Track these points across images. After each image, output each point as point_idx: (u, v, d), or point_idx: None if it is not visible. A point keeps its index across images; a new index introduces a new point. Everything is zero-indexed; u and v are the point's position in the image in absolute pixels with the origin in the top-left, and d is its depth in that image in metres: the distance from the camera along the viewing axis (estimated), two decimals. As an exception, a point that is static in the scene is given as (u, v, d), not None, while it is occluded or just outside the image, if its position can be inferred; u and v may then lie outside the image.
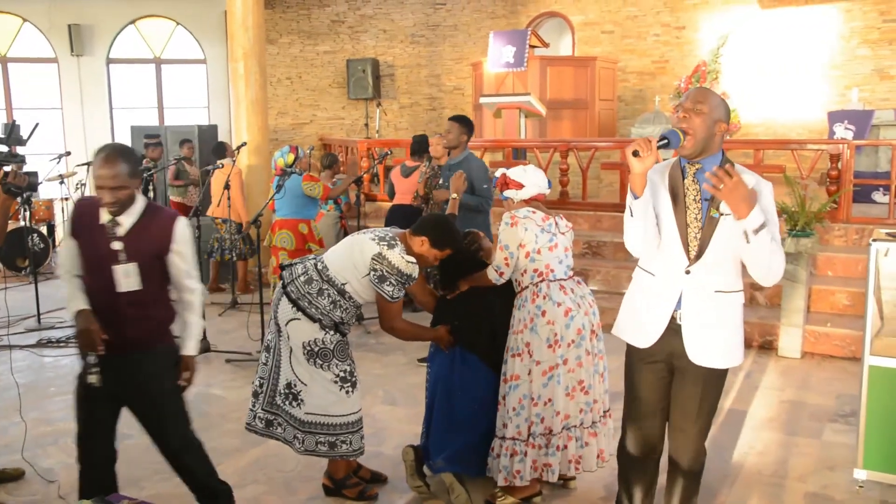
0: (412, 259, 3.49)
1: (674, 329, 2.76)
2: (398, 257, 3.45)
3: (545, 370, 3.49)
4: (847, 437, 4.36)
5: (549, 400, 3.51)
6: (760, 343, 6.16)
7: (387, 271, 3.44)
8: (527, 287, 3.59)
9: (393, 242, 3.49)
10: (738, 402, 5.04)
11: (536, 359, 3.50)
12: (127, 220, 2.91)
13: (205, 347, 6.17)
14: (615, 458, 3.18)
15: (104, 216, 2.90)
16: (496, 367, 3.67)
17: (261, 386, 3.71)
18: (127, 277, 2.88)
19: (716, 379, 2.81)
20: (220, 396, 5.26)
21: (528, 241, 3.55)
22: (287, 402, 3.59)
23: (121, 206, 2.87)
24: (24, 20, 12.47)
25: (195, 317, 3.15)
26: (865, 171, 8.52)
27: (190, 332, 3.13)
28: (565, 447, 3.57)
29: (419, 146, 7.32)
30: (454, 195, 4.41)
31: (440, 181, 6.61)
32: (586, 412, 3.61)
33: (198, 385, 5.45)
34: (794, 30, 11.26)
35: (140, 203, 2.98)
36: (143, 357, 2.99)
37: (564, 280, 3.62)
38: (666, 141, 2.60)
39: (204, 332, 6.25)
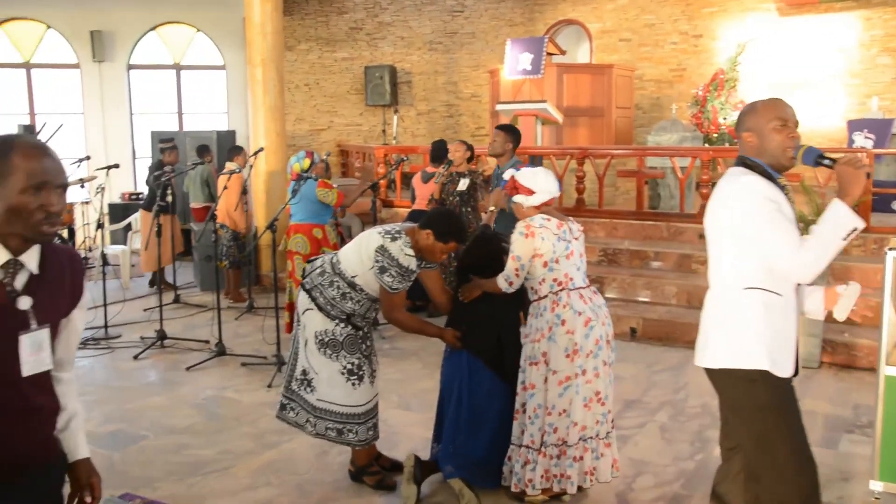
0: (411, 252, 3.58)
1: None
2: (398, 249, 3.56)
3: (561, 380, 3.48)
4: (864, 448, 4.32)
5: (564, 411, 3.49)
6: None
7: (387, 263, 3.55)
8: (545, 296, 3.55)
9: (396, 236, 3.60)
10: (753, 411, 5.00)
11: (553, 368, 3.48)
12: (31, 261, 1.87)
13: (220, 351, 6.21)
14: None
15: None
16: (502, 374, 3.68)
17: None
18: (37, 352, 1.88)
19: None
20: (235, 399, 5.29)
21: (545, 251, 3.51)
22: (301, 388, 3.80)
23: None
24: (48, 26, 12.64)
25: (79, 403, 2.14)
26: (885, 181, 8.44)
27: (80, 425, 2.10)
28: (581, 458, 3.55)
29: (438, 152, 7.34)
30: (492, 208, 4.45)
31: (458, 187, 6.64)
32: (602, 423, 3.60)
33: (212, 388, 5.52)
34: (813, 38, 11.19)
35: None
36: (39, 478, 1.96)
37: (583, 289, 3.60)
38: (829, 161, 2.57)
39: (220, 336, 6.31)
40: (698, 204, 8.01)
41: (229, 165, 8.02)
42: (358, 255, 3.66)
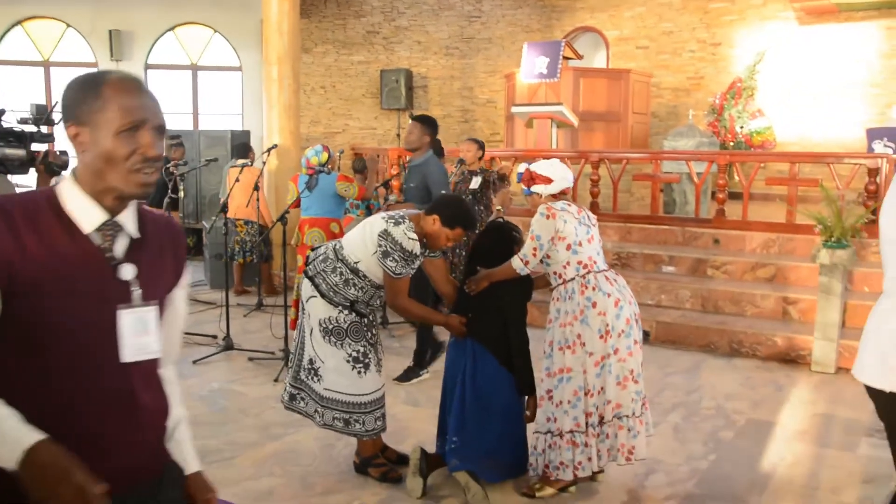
0: (414, 236, 3.52)
1: None
2: (401, 233, 3.50)
3: (597, 361, 3.47)
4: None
5: (602, 389, 3.48)
6: (793, 357, 5.99)
7: (390, 247, 3.49)
8: (572, 279, 3.54)
9: (400, 220, 3.55)
10: (767, 413, 4.89)
11: (589, 350, 3.47)
12: (130, 223, 1.57)
13: (227, 345, 6.16)
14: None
15: (90, 216, 1.51)
16: (508, 363, 3.62)
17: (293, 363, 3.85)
18: (141, 334, 1.54)
19: None
20: (241, 392, 5.22)
21: (568, 234, 3.52)
22: (309, 377, 3.73)
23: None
24: (68, 25, 12.73)
25: (183, 408, 1.80)
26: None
27: (186, 433, 1.76)
28: (615, 436, 3.52)
29: (434, 150, 7.29)
30: (499, 207, 4.38)
31: (470, 185, 6.57)
32: (636, 401, 3.56)
33: (219, 381, 5.46)
34: (832, 47, 11.09)
35: None
36: (158, 491, 1.63)
37: (607, 271, 3.61)
38: None
39: (227, 331, 6.26)
40: (714, 209, 7.91)
41: (244, 163, 7.98)
42: (362, 241, 3.61)
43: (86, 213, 1.51)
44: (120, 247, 1.54)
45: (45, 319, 1.44)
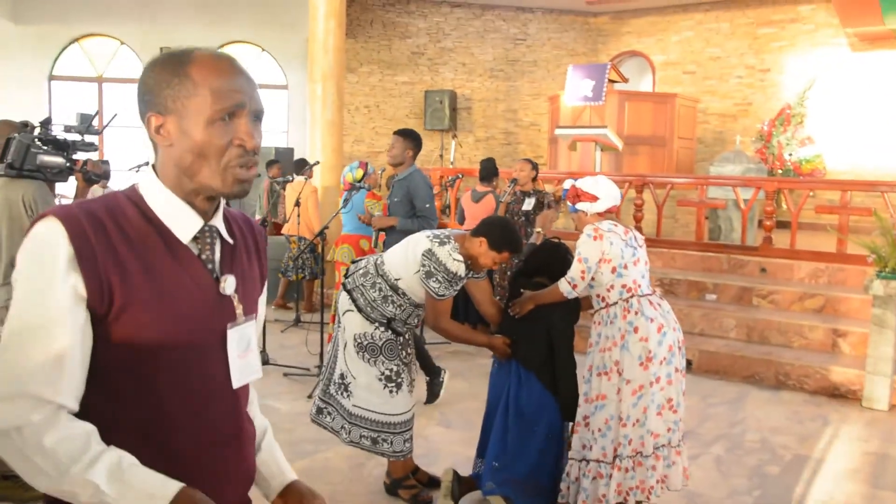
0: (459, 258, 3.43)
1: None
2: (446, 254, 3.40)
3: (635, 389, 3.31)
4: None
5: (638, 420, 3.32)
6: (842, 392, 5.77)
7: (434, 267, 3.40)
8: (615, 303, 3.42)
9: (445, 240, 3.46)
10: (815, 450, 4.69)
11: (627, 377, 3.32)
12: (221, 226, 1.38)
13: (263, 360, 6.14)
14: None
15: (186, 223, 1.30)
16: (553, 387, 3.50)
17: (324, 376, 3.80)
18: (245, 353, 1.38)
19: None
20: (274, 407, 5.19)
21: (613, 256, 3.39)
22: (339, 392, 3.65)
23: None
24: (122, 42, 13.05)
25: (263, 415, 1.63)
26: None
27: (273, 440, 1.60)
28: (654, 468, 3.37)
29: (488, 171, 7.22)
30: (539, 229, 4.29)
31: (523, 207, 6.49)
32: (674, 431, 3.42)
33: (253, 395, 5.42)
34: (886, 73, 10.83)
35: None
36: None
37: (651, 295, 3.47)
38: None
39: (263, 345, 6.24)
40: (760, 237, 7.71)
41: (297, 178, 8.00)
42: (404, 258, 3.53)
43: (180, 219, 1.29)
44: (217, 256, 1.35)
45: (151, 348, 1.23)
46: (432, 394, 5.35)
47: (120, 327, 1.21)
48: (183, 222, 1.29)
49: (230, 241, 1.39)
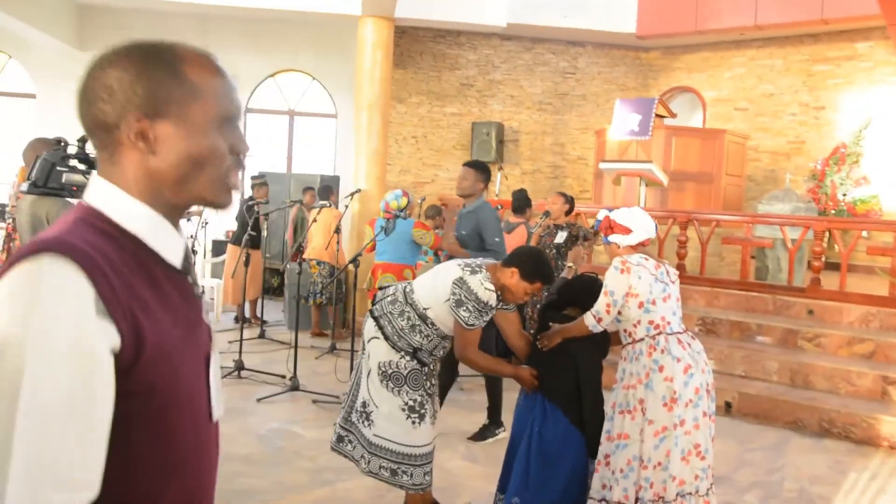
0: (491, 287, 3.35)
1: None
2: (477, 283, 3.33)
3: (658, 430, 3.20)
4: None
5: (660, 463, 3.20)
6: (892, 443, 5.50)
7: (465, 296, 3.33)
8: (641, 339, 3.33)
9: (477, 269, 3.39)
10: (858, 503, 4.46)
11: (650, 418, 3.22)
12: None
13: (294, 386, 6.13)
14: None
15: (172, 244, 1.16)
16: (579, 422, 3.40)
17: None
18: (217, 383, 1.27)
19: None
20: (299, 434, 5.16)
21: (641, 291, 3.30)
22: (360, 421, 3.57)
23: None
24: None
25: None
26: None
27: None
28: None
29: (520, 203, 7.18)
30: (570, 264, 4.22)
31: (555, 240, 6.41)
32: (702, 479, 3.27)
33: (279, 420, 5.42)
34: (947, 114, 10.49)
35: None
36: None
37: (681, 333, 3.36)
38: None
39: (294, 371, 6.24)
40: (808, 278, 7.47)
41: (323, 205, 8.11)
42: (433, 287, 3.47)
43: (167, 240, 1.14)
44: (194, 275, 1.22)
45: (171, 389, 1.08)
46: (481, 436, 5.27)
47: (144, 374, 1.02)
48: (169, 243, 1.14)
49: (193, 260, 1.28)
